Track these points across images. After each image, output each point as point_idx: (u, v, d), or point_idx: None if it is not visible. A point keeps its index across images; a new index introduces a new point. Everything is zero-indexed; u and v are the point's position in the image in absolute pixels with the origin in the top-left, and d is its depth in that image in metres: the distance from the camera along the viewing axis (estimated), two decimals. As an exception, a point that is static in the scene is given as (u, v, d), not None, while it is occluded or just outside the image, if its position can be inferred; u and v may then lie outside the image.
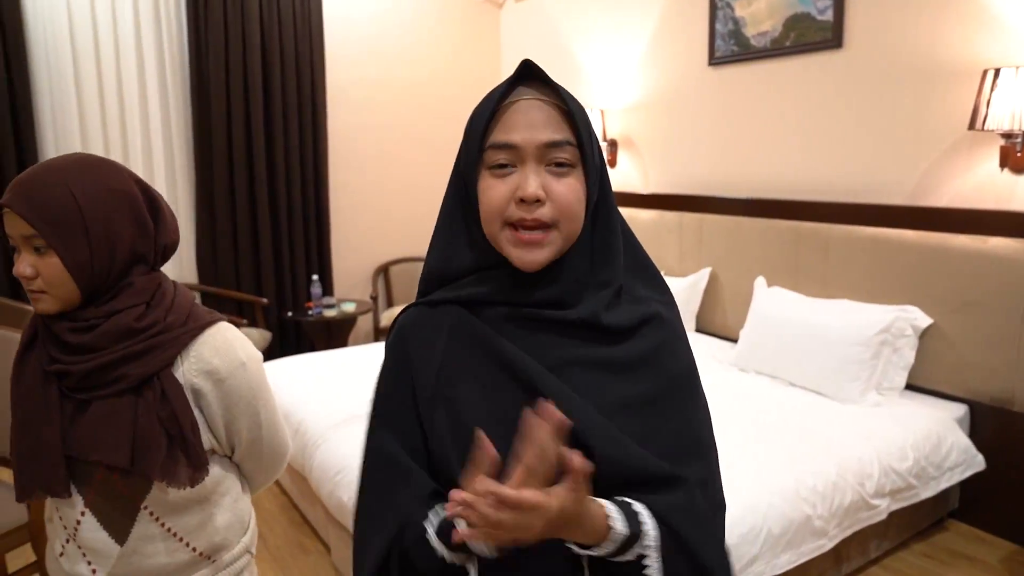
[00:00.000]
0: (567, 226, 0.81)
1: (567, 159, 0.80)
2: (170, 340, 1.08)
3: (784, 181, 3.41)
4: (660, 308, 0.91)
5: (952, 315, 2.71)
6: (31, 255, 1.02)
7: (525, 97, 0.81)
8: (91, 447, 1.05)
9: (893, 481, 2.33)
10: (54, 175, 1.02)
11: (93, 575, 1.13)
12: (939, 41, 2.76)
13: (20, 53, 3.57)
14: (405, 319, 0.93)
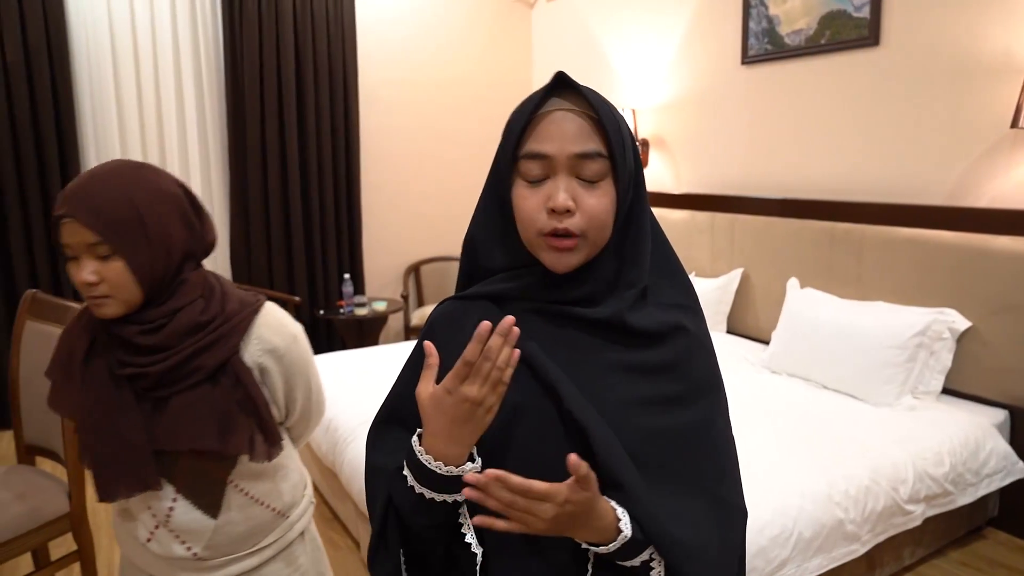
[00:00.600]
0: (595, 234, 0.83)
1: (598, 170, 0.82)
2: (233, 327, 1.14)
3: (818, 181, 3.37)
4: (685, 319, 0.92)
5: (992, 318, 2.65)
6: (93, 262, 1.05)
7: (558, 108, 0.83)
8: (180, 439, 1.11)
9: (928, 487, 2.29)
10: (110, 182, 1.06)
11: (188, 551, 1.19)
12: (980, 37, 2.70)
13: (63, 56, 3.67)
14: (438, 313, 0.97)
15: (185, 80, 4.10)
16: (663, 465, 0.85)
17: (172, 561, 1.20)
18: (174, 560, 1.20)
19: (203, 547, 1.19)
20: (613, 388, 0.86)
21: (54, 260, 3.80)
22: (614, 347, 0.88)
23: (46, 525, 1.92)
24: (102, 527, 2.76)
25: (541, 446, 0.84)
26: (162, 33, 3.99)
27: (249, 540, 1.24)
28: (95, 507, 2.90)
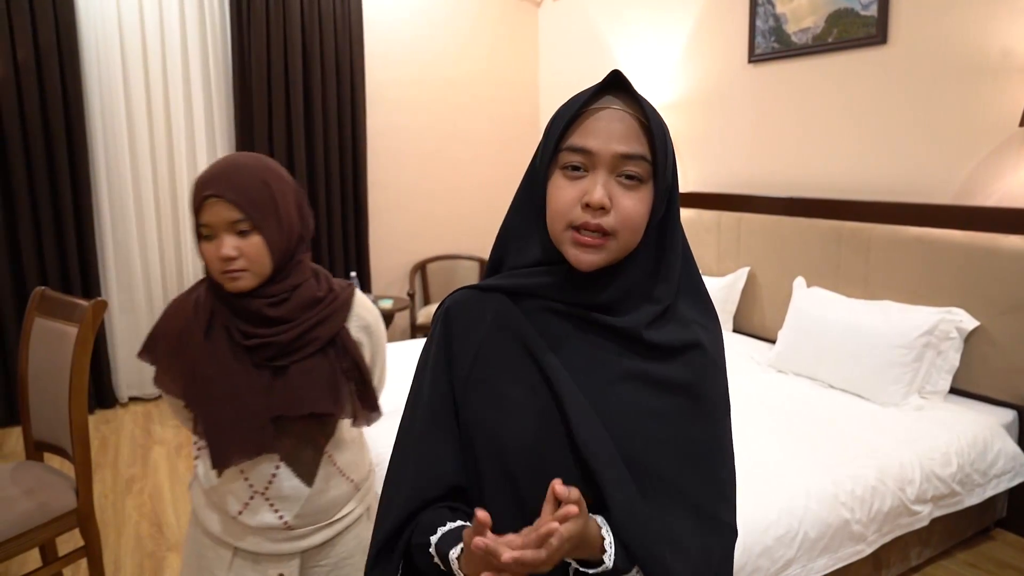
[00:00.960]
0: (625, 236, 0.82)
1: (638, 173, 0.82)
2: (341, 304, 1.28)
3: (825, 180, 3.35)
4: (703, 336, 0.91)
5: (1000, 317, 2.63)
6: (233, 238, 1.16)
7: (609, 106, 0.83)
8: (300, 403, 1.21)
9: (936, 487, 2.28)
10: (249, 167, 1.19)
11: (280, 520, 1.28)
12: (988, 36, 2.68)
13: (73, 56, 3.69)
14: (453, 301, 0.96)
15: (193, 80, 4.12)
16: (663, 478, 0.85)
17: (261, 531, 1.29)
18: (263, 530, 1.29)
19: (294, 516, 1.29)
20: (624, 396, 0.86)
21: (63, 258, 3.82)
22: (629, 356, 0.87)
23: (53, 521, 1.93)
24: (109, 523, 2.77)
25: (546, 449, 0.84)
26: (170, 33, 4.01)
27: (330, 511, 1.33)
28: (101, 504, 2.92)
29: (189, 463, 3.36)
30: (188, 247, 4.23)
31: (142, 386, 4.22)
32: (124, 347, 4.14)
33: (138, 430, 3.78)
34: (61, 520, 1.95)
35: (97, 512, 2.14)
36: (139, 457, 3.44)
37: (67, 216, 3.76)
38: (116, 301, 4.07)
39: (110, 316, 4.07)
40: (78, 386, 1.94)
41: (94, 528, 2.03)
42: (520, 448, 0.84)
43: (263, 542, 1.29)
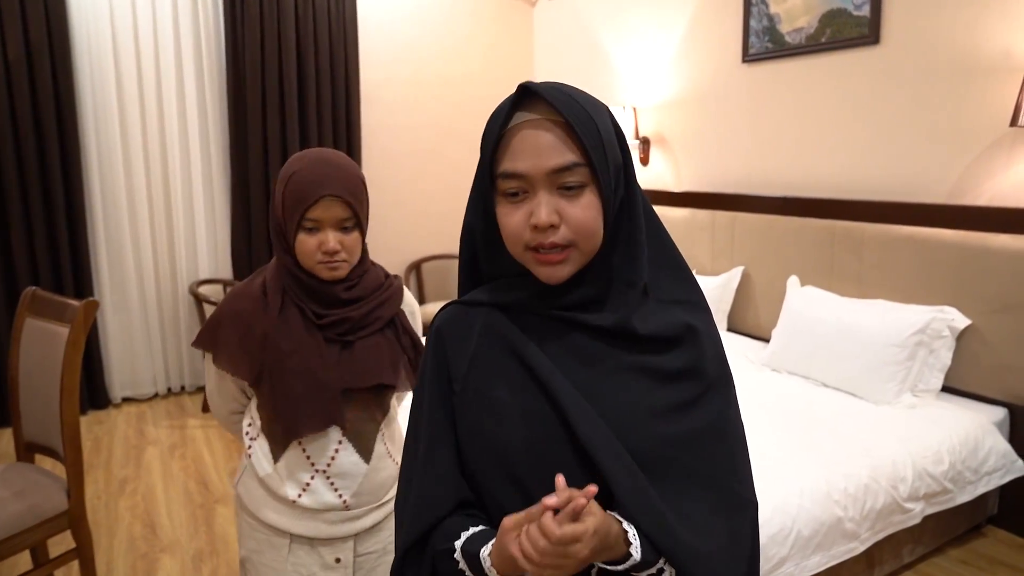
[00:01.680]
0: (585, 243, 0.82)
1: (577, 180, 0.80)
2: (396, 289, 1.41)
3: (818, 179, 3.36)
4: (692, 317, 0.90)
5: (992, 316, 2.64)
6: (338, 233, 1.28)
7: (527, 120, 0.80)
8: (367, 375, 1.33)
9: (928, 485, 2.29)
10: (351, 168, 1.30)
11: (340, 499, 1.35)
12: (979, 36, 2.69)
13: (64, 52, 3.67)
14: (441, 319, 0.96)
15: (187, 79, 4.10)
16: (671, 464, 0.84)
17: (319, 513, 1.35)
18: (321, 512, 1.35)
19: (352, 494, 1.35)
20: (623, 393, 0.85)
21: (55, 257, 3.81)
22: (623, 352, 0.86)
23: (45, 522, 1.92)
24: (101, 525, 2.76)
25: (548, 451, 0.83)
26: (164, 32, 3.99)
27: (380, 492, 1.40)
28: (93, 505, 2.91)
29: (183, 463, 3.35)
30: (181, 247, 4.21)
31: (135, 386, 4.21)
32: (117, 347, 4.12)
33: (131, 431, 3.77)
34: (52, 522, 1.94)
35: (89, 513, 2.14)
36: (132, 458, 3.42)
37: (59, 215, 3.75)
38: (109, 300, 4.06)
39: (103, 316, 4.05)
40: (69, 387, 1.94)
41: (86, 530, 2.02)
42: (521, 451, 0.84)
43: (321, 525, 1.35)
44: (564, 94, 0.81)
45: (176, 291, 4.26)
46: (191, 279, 4.28)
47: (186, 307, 4.27)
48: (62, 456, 1.99)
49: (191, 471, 3.28)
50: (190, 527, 2.78)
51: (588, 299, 0.86)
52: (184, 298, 4.26)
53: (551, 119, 0.80)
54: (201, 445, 3.57)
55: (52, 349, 1.97)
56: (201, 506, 2.95)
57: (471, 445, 0.88)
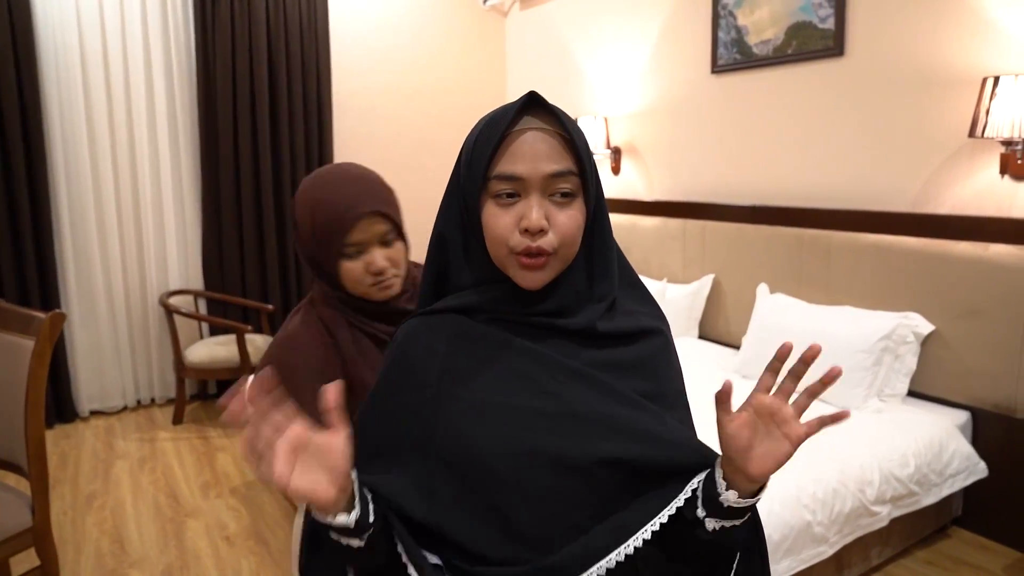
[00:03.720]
0: (566, 251, 0.85)
1: (569, 189, 0.83)
2: None
3: (786, 188, 3.42)
4: (658, 324, 0.96)
5: (954, 322, 2.71)
6: (383, 250, 1.20)
7: (531, 127, 0.83)
8: None
9: (894, 488, 2.33)
10: (374, 177, 1.26)
11: None
12: (939, 49, 2.77)
13: (30, 58, 3.62)
14: (403, 331, 0.96)
15: (156, 87, 4.06)
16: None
17: None
18: None
19: None
20: (598, 386, 0.87)
21: (21, 268, 3.73)
22: (587, 349, 0.90)
23: (8, 540, 1.88)
24: (68, 541, 2.71)
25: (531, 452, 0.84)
26: (132, 39, 3.95)
27: None
28: (59, 521, 2.85)
29: (152, 477, 3.30)
30: (151, 257, 4.16)
31: (104, 399, 4.14)
32: (85, 359, 4.05)
33: (99, 444, 3.70)
34: (16, 539, 1.90)
35: (56, 530, 2.10)
36: (100, 472, 3.36)
37: (24, 225, 3.68)
38: (76, 312, 3.99)
39: (70, 327, 3.98)
40: (34, 400, 1.90)
41: (51, 547, 1.99)
42: (501, 449, 0.84)
43: None
44: (563, 111, 0.86)
45: (146, 302, 4.20)
46: (161, 289, 4.23)
47: (156, 318, 4.21)
48: (26, 471, 1.95)
49: (161, 485, 3.23)
50: (160, 542, 2.74)
51: (556, 308, 0.89)
52: (154, 309, 4.20)
53: (553, 130, 0.83)
54: (171, 458, 3.52)
55: (17, 362, 1.94)
56: (171, 520, 2.90)
57: (446, 447, 0.86)
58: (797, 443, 0.78)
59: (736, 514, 0.81)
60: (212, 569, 2.55)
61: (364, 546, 0.79)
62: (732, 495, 0.79)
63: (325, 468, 0.73)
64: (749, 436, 0.78)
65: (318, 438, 0.73)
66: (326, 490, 0.72)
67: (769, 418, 0.79)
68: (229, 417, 0.69)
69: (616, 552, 0.81)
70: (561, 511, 0.82)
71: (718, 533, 0.81)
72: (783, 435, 0.78)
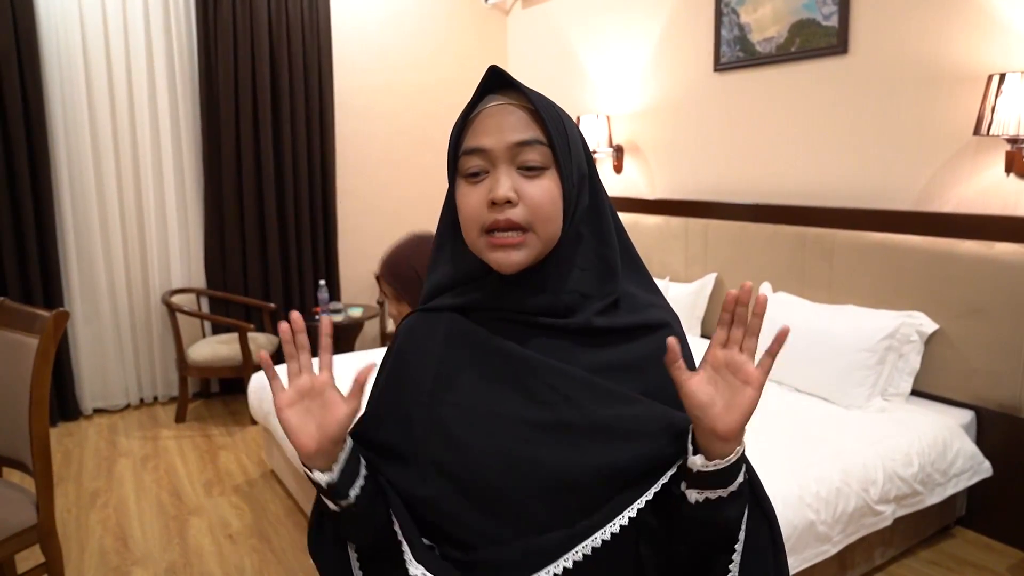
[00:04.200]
0: (542, 228, 0.81)
1: (538, 160, 0.80)
2: None
3: (789, 186, 3.41)
4: (667, 317, 0.91)
5: (958, 321, 2.70)
6: (392, 303, 1.56)
7: (494, 103, 0.82)
8: None
9: (898, 487, 2.33)
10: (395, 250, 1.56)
11: None
12: (944, 46, 2.76)
13: (33, 58, 3.62)
14: (402, 330, 0.95)
15: (159, 87, 4.06)
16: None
17: None
18: None
19: None
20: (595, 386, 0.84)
21: (24, 267, 3.74)
22: (586, 352, 0.86)
23: (12, 537, 1.89)
24: (72, 538, 2.71)
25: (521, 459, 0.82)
26: (135, 40, 3.96)
27: None
28: (63, 519, 2.86)
29: (155, 475, 3.30)
30: (154, 256, 4.17)
31: (107, 397, 4.15)
32: (88, 357, 4.06)
33: (103, 442, 3.71)
34: (20, 536, 1.91)
35: (59, 527, 2.10)
36: (104, 470, 3.37)
37: (28, 224, 3.69)
38: (80, 310, 4.00)
39: (74, 326, 3.99)
40: (39, 399, 1.91)
41: (55, 544, 1.99)
42: (490, 456, 0.83)
43: None
44: (531, 88, 0.83)
45: (149, 300, 4.21)
46: (164, 288, 4.23)
47: (159, 317, 4.22)
48: (31, 469, 1.95)
49: (164, 483, 3.23)
50: (163, 539, 2.74)
51: (550, 306, 0.86)
52: (157, 308, 4.21)
53: (517, 103, 0.81)
54: (174, 456, 3.53)
55: (21, 360, 1.94)
56: (174, 518, 2.91)
57: (440, 450, 0.85)
58: (758, 385, 0.74)
59: (715, 482, 0.76)
60: (215, 567, 2.55)
61: (341, 511, 0.83)
62: (699, 459, 0.76)
63: (319, 423, 0.79)
64: (710, 392, 0.75)
65: (331, 395, 0.80)
66: (308, 439, 0.78)
67: (726, 369, 0.75)
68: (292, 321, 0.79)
69: (602, 530, 0.79)
70: (553, 521, 0.81)
71: (703, 506, 0.78)
72: (742, 382, 0.74)
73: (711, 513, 0.78)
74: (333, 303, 4.34)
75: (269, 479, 3.27)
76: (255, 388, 3.23)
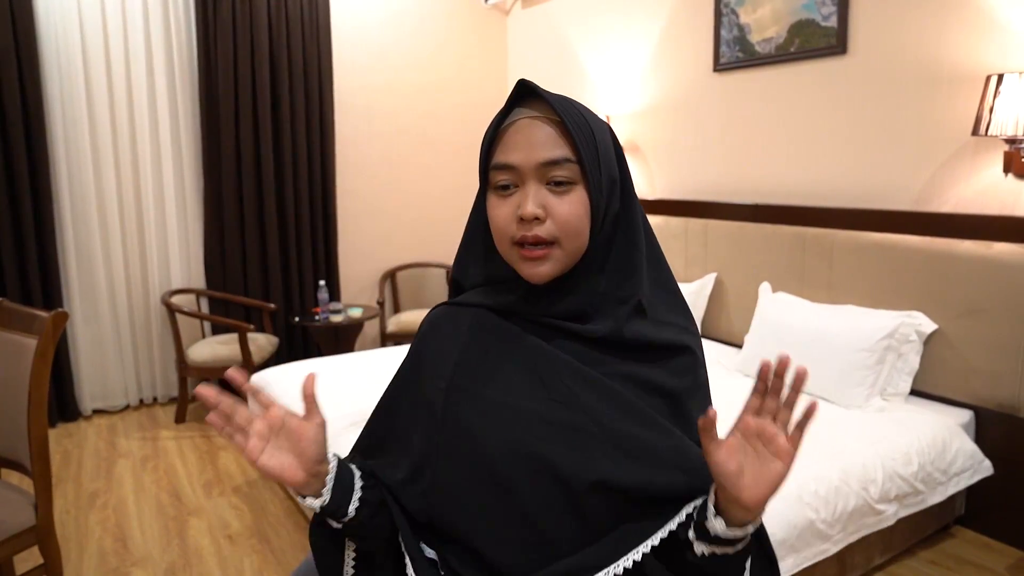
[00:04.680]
0: (569, 242, 0.82)
1: (566, 176, 0.81)
2: None
3: (789, 187, 3.41)
4: (690, 340, 0.91)
5: (957, 320, 2.70)
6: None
7: (524, 116, 0.82)
8: None
9: (899, 486, 2.32)
10: None
11: None
12: (943, 47, 2.76)
13: (32, 58, 3.62)
14: (431, 316, 0.97)
15: (158, 87, 4.06)
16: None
17: None
18: None
19: None
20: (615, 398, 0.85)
21: (23, 267, 3.74)
22: (609, 357, 0.87)
23: (11, 538, 1.88)
24: (71, 539, 2.71)
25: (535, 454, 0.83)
26: (134, 38, 3.95)
27: None
28: (62, 520, 2.86)
29: (155, 476, 3.30)
30: (153, 256, 4.17)
31: (106, 398, 4.15)
32: (87, 358, 4.06)
33: (102, 443, 3.71)
34: (19, 538, 1.90)
35: (58, 528, 2.10)
36: (103, 471, 3.37)
37: (27, 225, 3.68)
38: (79, 311, 4.00)
39: (73, 326, 3.99)
40: (37, 399, 1.90)
41: (54, 545, 1.99)
42: (496, 451, 0.84)
43: None
44: (563, 98, 0.84)
45: (148, 301, 4.20)
46: (163, 288, 4.23)
47: (158, 317, 4.22)
48: (29, 470, 1.95)
49: (164, 483, 3.23)
50: (163, 540, 2.74)
51: (577, 311, 0.86)
52: (156, 308, 4.21)
53: (547, 117, 0.82)
54: (174, 457, 3.53)
55: (19, 361, 1.94)
56: (174, 519, 2.91)
57: (456, 440, 0.86)
58: (788, 460, 0.73)
59: (727, 543, 0.77)
60: (214, 568, 2.55)
61: (344, 529, 0.84)
62: (720, 524, 0.75)
63: (295, 452, 0.79)
64: (739, 461, 0.74)
65: (292, 422, 0.79)
66: (294, 472, 0.79)
67: (757, 440, 0.75)
68: (201, 395, 0.75)
69: (605, 572, 0.80)
70: (556, 520, 0.82)
71: (707, 559, 0.78)
72: (772, 454, 0.74)
73: (714, 567, 0.79)
74: (333, 303, 4.34)
75: (268, 480, 3.27)
76: (254, 388, 3.22)
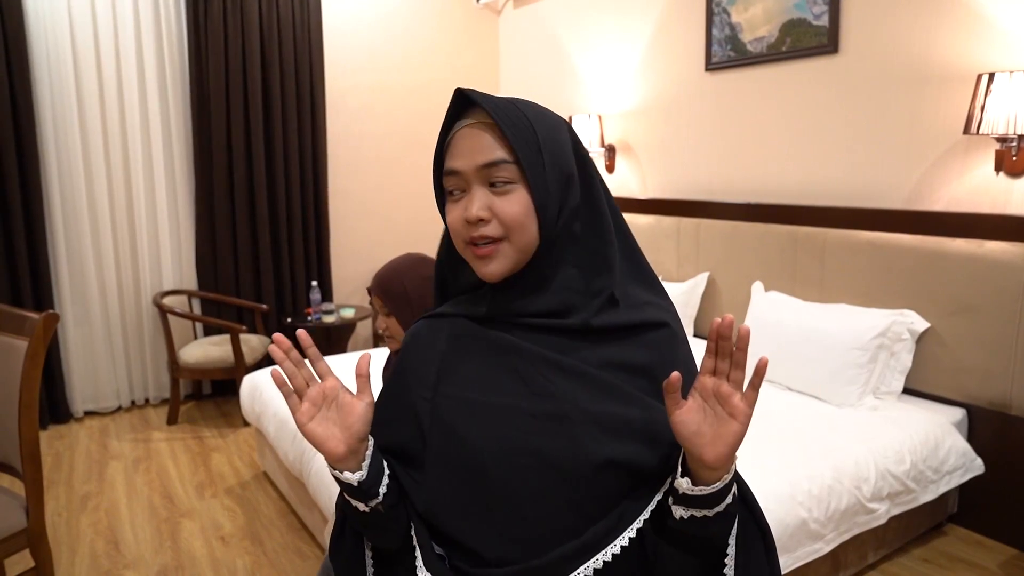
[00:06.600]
0: (517, 237, 0.85)
1: (506, 177, 0.84)
2: None
3: (781, 186, 3.42)
4: (666, 316, 0.93)
5: (949, 319, 2.71)
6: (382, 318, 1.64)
7: (465, 124, 0.86)
8: None
9: (891, 484, 2.33)
10: (390, 267, 1.63)
11: None
12: (934, 46, 2.77)
13: (22, 59, 3.60)
14: (412, 331, 1.00)
15: (149, 88, 4.04)
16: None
17: None
18: None
19: None
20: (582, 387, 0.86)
21: (13, 269, 3.72)
22: (584, 346, 0.88)
23: (3, 541, 1.87)
24: (62, 542, 2.70)
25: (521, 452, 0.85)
26: (125, 39, 3.93)
27: None
28: (54, 522, 2.84)
29: (147, 477, 3.29)
30: (145, 257, 4.15)
31: (98, 400, 4.12)
32: (79, 360, 4.04)
33: (93, 445, 3.69)
34: (10, 541, 1.89)
35: (50, 531, 2.09)
36: (95, 473, 3.35)
37: (17, 226, 3.66)
38: (70, 312, 3.97)
39: (64, 327, 3.97)
40: (28, 402, 1.89)
41: (45, 548, 1.98)
42: (485, 451, 0.85)
43: None
44: (506, 101, 0.86)
45: (140, 302, 4.18)
46: (155, 290, 4.21)
47: (150, 318, 4.20)
48: (20, 472, 1.94)
49: (156, 485, 3.22)
50: (155, 542, 2.72)
51: (553, 308, 0.88)
52: (148, 309, 4.19)
53: (486, 122, 0.85)
54: (166, 458, 3.51)
55: (10, 363, 1.93)
56: (166, 520, 2.89)
57: (444, 446, 0.88)
58: (744, 418, 0.75)
59: (701, 504, 0.79)
60: (207, 569, 2.54)
61: (370, 513, 0.87)
62: (686, 482, 0.78)
63: (342, 425, 0.83)
64: (698, 421, 0.76)
65: (345, 397, 0.85)
66: (336, 444, 0.83)
67: (714, 399, 0.77)
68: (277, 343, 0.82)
69: (603, 552, 0.82)
70: (551, 512, 0.83)
71: (687, 522, 0.80)
72: (728, 414, 0.76)
73: (696, 529, 0.81)
74: (325, 304, 4.33)
75: (261, 481, 3.26)
76: (247, 390, 3.21)
